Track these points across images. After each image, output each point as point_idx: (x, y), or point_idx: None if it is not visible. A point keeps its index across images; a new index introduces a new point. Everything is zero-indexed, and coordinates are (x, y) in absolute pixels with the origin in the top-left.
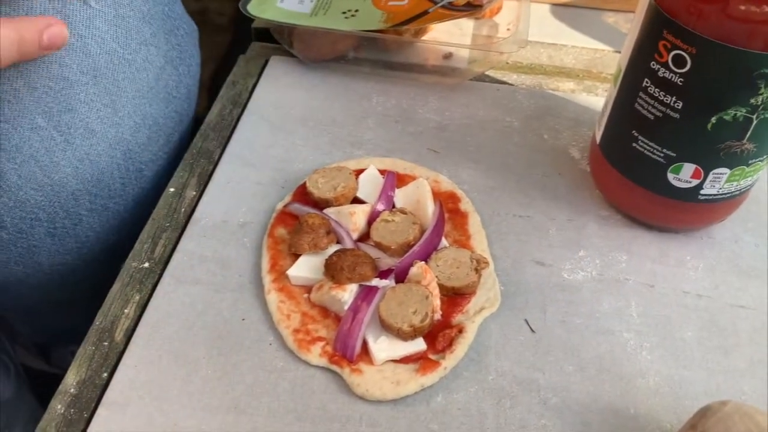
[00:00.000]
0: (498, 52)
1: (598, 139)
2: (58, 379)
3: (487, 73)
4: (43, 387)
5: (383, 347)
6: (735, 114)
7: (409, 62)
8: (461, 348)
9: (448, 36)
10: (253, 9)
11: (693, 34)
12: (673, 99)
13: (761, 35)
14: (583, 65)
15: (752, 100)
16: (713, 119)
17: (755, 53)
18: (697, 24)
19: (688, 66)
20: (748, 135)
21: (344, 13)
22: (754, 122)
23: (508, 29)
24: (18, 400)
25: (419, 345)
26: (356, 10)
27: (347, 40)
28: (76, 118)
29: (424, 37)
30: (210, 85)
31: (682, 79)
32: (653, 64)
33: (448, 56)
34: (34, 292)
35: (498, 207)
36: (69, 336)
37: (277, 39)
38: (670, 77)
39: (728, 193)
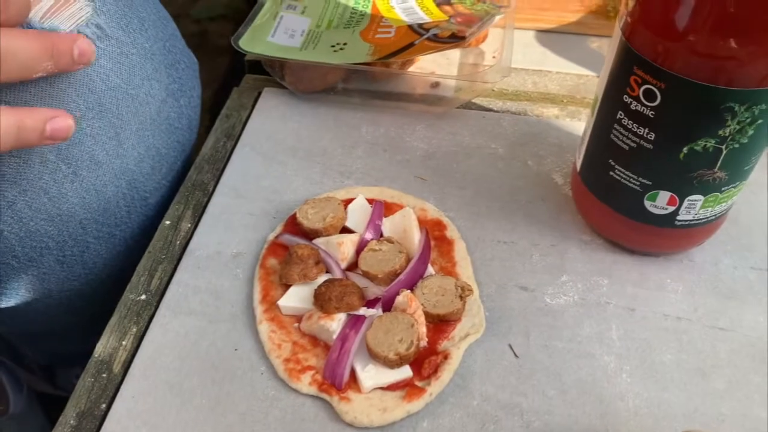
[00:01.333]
0: (483, 82)
1: (578, 166)
2: (63, 400)
3: (473, 100)
4: (49, 409)
5: (371, 375)
6: (705, 144)
7: (397, 92)
8: (447, 374)
9: (436, 65)
10: (244, 44)
11: (661, 70)
12: (646, 131)
13: (725, 71)
14: (567, 91)
15: (720, 132)
16: (684, 149)
17: (720, 88)
18: (665, 61)
19: (659, 100)
20: (718, 164)
21: (333, 46)
22: (724, 152)
23: (493, 57)
24: (29, 416)
25: (405, 372)
26: (344, 44)
27: (337, 72)
28: (82, 150)
29: (411, 67)
30: (212, 107)
31: (653, 112)
32: (626, 98)
33: (435, 85)
34: (43, 318)
35: (483, 233)
36: (74, 358)
37: (269, 72)
38: (642, 110)
39: (704, 218)
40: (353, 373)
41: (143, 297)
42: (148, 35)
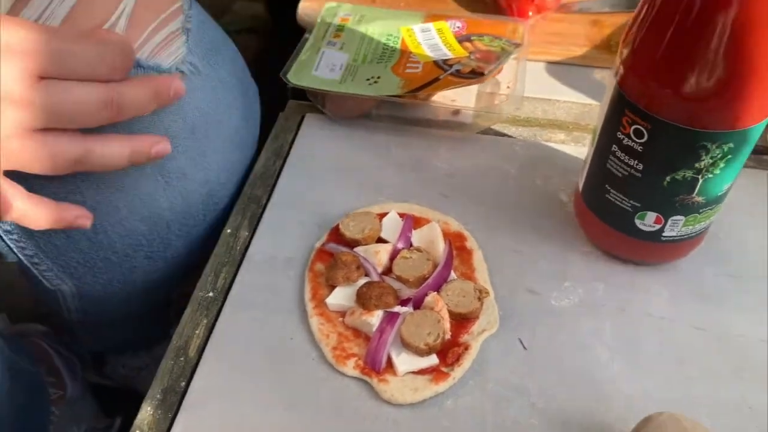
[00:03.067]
0: (498, 113)
1: (580, 188)
2: (109, 389)
3: (491, 126)
4: (98, 396)
5: (404, 361)
6: (684, 175)
7: (423, 118)
8: (467, 362)
9: (457, 93)
10: (292, 77)
11: (648, 114)
12: (636, 162)
13: (700, 118)
14: (573, 118)
15: (697, 165)
16: (667, 179)
17: (696, 130)
18: (651, 107)
19: (646, 137)
20: (696, 191)
21: (368, 79)
22: (700, 181)
23: (508, 87)
24: (83, 400)
25: (433, 360)
26: (378, 77)
27: (371, 101)
28: (175, 165)
29: (435, 96)
30: None
31: (641, 147)
32: (619, 134)
33: (456, 113)
34: (120, 305)
35: (498, 244)
36: (124, 347)
37: (312, 101)
38: (632, 145)
39: (686, 234)
40: (390, 360)
41: (211, 294)
42: (228, 70)
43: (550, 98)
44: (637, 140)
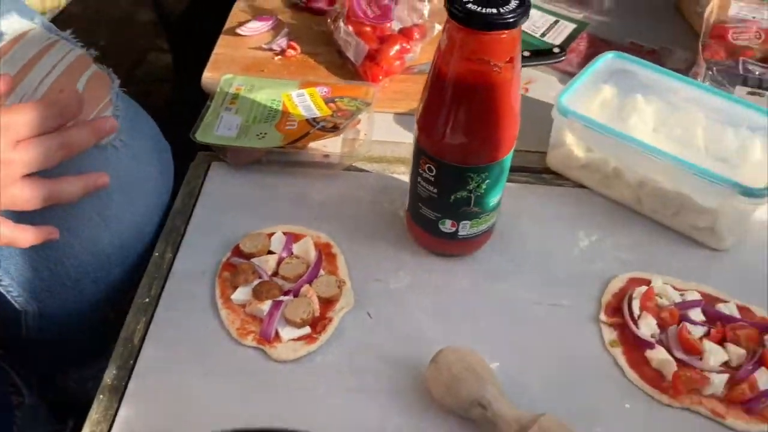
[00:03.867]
0: (357, 154)
1: (407, 206)
2: (60, 402)
3: (352, 164)
4: (50, 407)
5: (287, 332)
6: (462, 194)
7: (302, 161)
8: (331, 330)
9: (328, 141)
10: (199, 136)
11: (433, 157)
12: (432, 187)
13: (464, 158)
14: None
15: (468, 187)
16: (452, 197)
17: (462, 166)
18: (435, 153)
19: (435, 172)
20: (472, 204)
21: (258, 135)
22: (473, 197)
23: (365, 134)
24: (39, 407)
25: (307, 330)
26: (265, 133)
27: (261, 151)
28: (111, 212)
29: (311, 144)
30: None
31: (433, 177)
32: (420, 169)
33: (326, 156)
34: (72, 323)
35: (355, 250)
36: (72, 362)
37: (216, 152)
38: (428, 176)
39: (475, 233)
40: (277, 332)
41: (146, 300)
42: (146, 138)
43: (396, 141)
44: (430, 173)
